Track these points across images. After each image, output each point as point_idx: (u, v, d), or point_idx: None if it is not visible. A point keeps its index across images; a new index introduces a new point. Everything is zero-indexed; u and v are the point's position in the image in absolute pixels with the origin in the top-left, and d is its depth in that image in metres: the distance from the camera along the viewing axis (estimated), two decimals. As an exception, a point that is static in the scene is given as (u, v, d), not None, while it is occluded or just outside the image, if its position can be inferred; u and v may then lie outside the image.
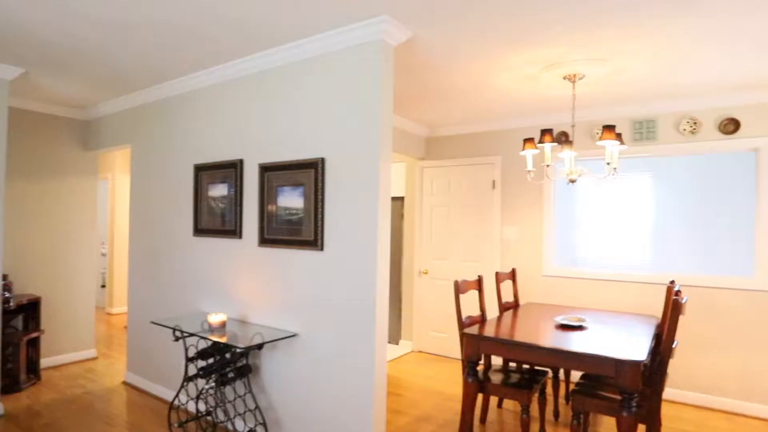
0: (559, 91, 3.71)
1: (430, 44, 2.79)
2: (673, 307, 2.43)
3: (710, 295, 3.86)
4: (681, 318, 2.89)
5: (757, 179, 3.75)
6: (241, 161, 3.22)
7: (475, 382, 2.84)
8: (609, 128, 2.88)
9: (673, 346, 2.51)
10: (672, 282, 3.42)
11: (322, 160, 2.74)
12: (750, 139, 3.75)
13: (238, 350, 2.85)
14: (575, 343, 2.63)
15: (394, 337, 5.73)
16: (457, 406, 3.78)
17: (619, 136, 3.00)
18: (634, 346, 2.54)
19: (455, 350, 5.13)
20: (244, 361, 2.99)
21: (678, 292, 2.71)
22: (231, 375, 2.91)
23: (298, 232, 2.85)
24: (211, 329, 2.95)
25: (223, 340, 2.74)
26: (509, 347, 2.70)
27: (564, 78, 3.26)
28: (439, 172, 5.28)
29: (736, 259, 3.85)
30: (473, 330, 2.89)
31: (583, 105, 4.19)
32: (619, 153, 3.65)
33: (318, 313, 2.79)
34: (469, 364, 2.83)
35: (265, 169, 3.05)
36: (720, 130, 3.85)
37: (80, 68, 3.37)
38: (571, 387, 4.10)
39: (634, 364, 2.29)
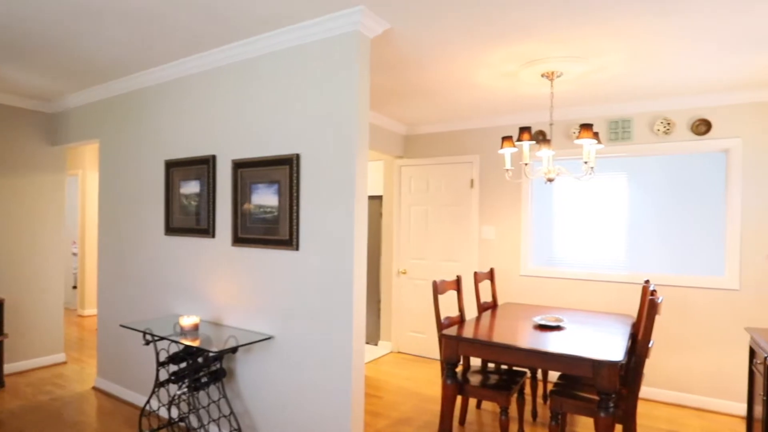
0: (537, 89, 3.72)
1: (408, 38, 2.75)
2: (650, 307, 2.44)
3: (683, 295, 3.92)
4: (656, 317, 2.92)
5: (727, 180, 3.82)
6: (213, 157, 3.12)
7: (454, 384, 2.82)
8: (586, 127, 2.88)
9: (649, 345, 2.53)
10: (647, 282, 3.45)
11: (297, 156, 2.67)
12: (720, 140, 3.82)
13: (211, 354, 2.76)
14: (553, 343, 2.62)
15: (373, 338, 5.68)
16: (437, 407, 3.75)
17: (596, 135, 3.02)
18: (611, 347, 2.55)
19: (434, 351, 5.11)
20: (218, 365, 2.90)
21: (653, 292, 2.73)
22: (204, 380, 2.82)
23: (273, 231, 2.77)
24: (183, 332, 2.85)
25: (196, 343, 2.65)
26: (488, 349, 2.67)
27: (542, 75, 3.25)
28: (418, 171, 5.25)
29: (708, 258, 3.93)
30: (452, 331, 2.86)
31: (561, 104, 4.21)
32: (596, 153, 3.68)
33: (294, 315, 2.72)
34: (447, 366, 2.80)
35: (239, 166, 2.95)
36: (692, 130, 3.92)
37: (42, 57, 3.21)
38: (549, 387, 4.12)
39: (612, 364, 2.29)
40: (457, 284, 3.39)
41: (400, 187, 5.37)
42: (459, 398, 3.71)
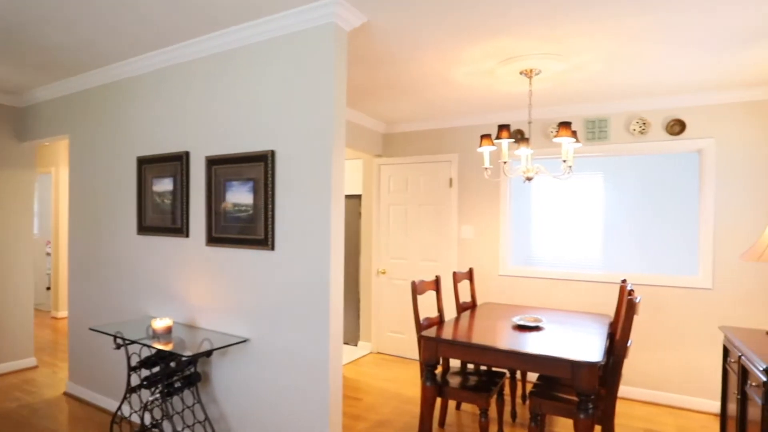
0: (515, 88, 3.72)
1: (386, 32, 2.70)
2: (628, 307, 2.45)
3: (658, 294, 3.97)
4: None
5: (701, 180, 3.88)
6: (186, 153, 3.03)
7: (434, 386, 2.79)
8: (565, 125, 2.88)
9: (628, 345, 2.54)
10: (624, 281, 3.48)
11: (272, 152, 2.60)
12: (694, 140, 3.87)
13: (183, 358, 2.68)
14: (532, 344, 2.61)
15: (353, 339, 5.63)
16: (416, 409, 3.72)
17: (574, 134, 3.02)
18: (590, 347, 2.55)
19: (414, 351, 5.08)
20: (192, 369, 2.82)
21: (631, 292, 2.74)
22: (178, 384, 2.73)
23: (248, 231, 2.70)
24: (156, 335, 2.76)
25: (168, 347, 2.56)
26: (467, 350, 2.65)
27: (520, 73, 3.25)
28: (397, 170, 5.22)
29: (682, 258, 3.98)
30: (431, 333, 2.84)
31: (538, 103, 4.22)
32: (573, 152, 3.69)
33: (270, 317, 2.65)
34: (427, 368, 2.77)
35: (213, 163, 2.87)
36: (667, 131, 3.97)
37: (7, 47, 3.07)
38: (529, 387, 4.13)
39: (590, 365, 2.29)
40: (436, 284, 3.37)
41: (379, 186, 5.33)
42: (439, 400, 3.69)
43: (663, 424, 3.55)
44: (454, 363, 4.24)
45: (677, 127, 3.93)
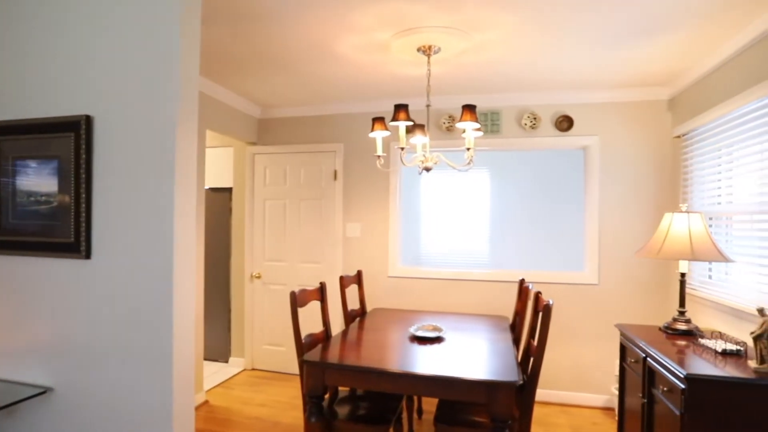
0: (411, 70, 3.32)
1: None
2: (544, 313, 2.15)
3: (547, 291, 3.88)
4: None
5: (586, 177, 3.87)
6: (-44, 122, 2.08)
7: (320, 422, 2.22)
8: (469, 108, 2.52)
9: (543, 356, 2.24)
10: (523, 280, 3.27)
11: (87, 119, 1.82)
12: (580, 137, 3.85)
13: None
14: (437, 362, 2.19)
15: (223, 355, 4.83)
16: (296, 440, 3.13)
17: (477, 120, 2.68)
18: (504, 363, 2.20)
19: (295, 365, 4.47)
20: (-39, 435, 1.90)
21: (540, 294, 2.47)
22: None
23: (51, 231, 1.88)
24: None
25: None
26: (362, 376, 2.14)
27: (418, 50, 2.84)
28: (274, 160, 4.55)
29: (570, 254, 3.96)
30: (315, 356, 2.27)
31: (433, 92, 3.89)
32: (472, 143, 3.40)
33: (83, 355, 1.86)
34: (311, 401, 2.19)
35: (-2, 135, 1.98)
36: (556, 126, 3.89)
37: None
38: (425, 402, 3.77)
39: (508, 385, 1.92)
40: (321, 293, 2.80)
41: (253, 179, 4.61)
42: None
43: (556, 425, 3.42)
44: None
45: (565, 123, 3.87)
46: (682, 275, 2.72)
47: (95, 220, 1.83)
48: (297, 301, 2.44)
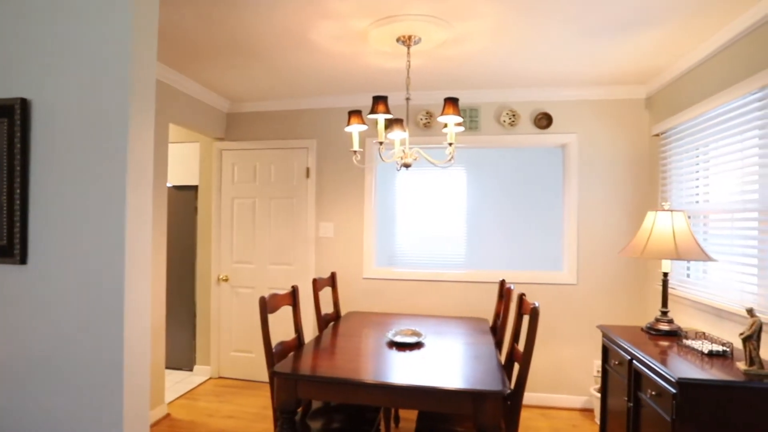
0: (389, 62, 3.17)
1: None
2: (531, 318, 2.03)
3: (526, 291, 3.80)
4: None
5: (564, 175, 3.81)
6: None
7: (291, 439, 2.05)
8: (452, 101, 2.39)
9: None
10: (503, 281, 3.17)
11: (24, 102, 1.59)
12: (559, 134, 3.78)
13: None
14: (418, 371, 2.05)
15: (187, 363, 4.57)
16: (266, 454, 2.94)
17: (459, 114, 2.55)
18: (489, 370, 2.08)
19: (264, 372, 4.26)
20: None
21: (523, 296, 2.36)
22: None
23: (-18, 233, 1.64)
24: None
25: None
26: (337, 388, 1.98)
27: (398, 40, 2.70)
28: (243, 156, 4.33)
29: (549, 253, 3.89)
30: (286, 366, 2.09)
31: (410, 87, 3.76)
32: (454, 138, 3.28)
33: (18, 381, 1.63)
34: (283, 416, 2.02)
35: None
36: (535, 124, 3.82)
37: None
38: (402, 411, 3.63)
39: (495, 395, 1.80)
40: (293, 298, 2.62)
41: (220, 176, 4.37)
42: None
43: (538, 429, 3.33)
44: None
45: (544, 120, 3.80)
46: (665, 275, 2.67)
47: (32, 219, 1.60)
48: (267, 307, 2.26)
